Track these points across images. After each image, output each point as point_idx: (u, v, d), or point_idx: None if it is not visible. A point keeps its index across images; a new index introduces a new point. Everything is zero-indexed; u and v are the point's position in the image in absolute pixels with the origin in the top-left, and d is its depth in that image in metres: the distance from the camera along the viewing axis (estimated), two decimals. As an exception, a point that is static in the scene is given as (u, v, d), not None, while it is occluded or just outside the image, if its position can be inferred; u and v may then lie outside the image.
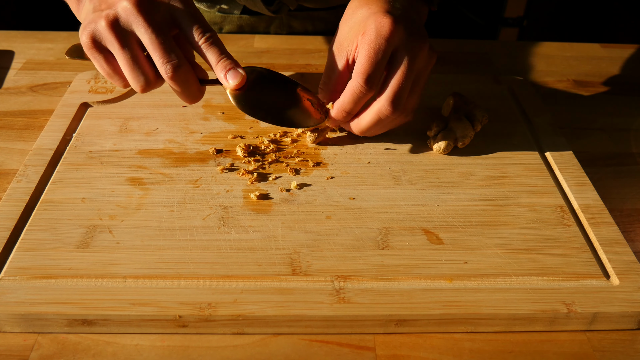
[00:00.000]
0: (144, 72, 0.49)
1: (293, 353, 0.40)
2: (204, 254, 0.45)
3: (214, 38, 0.50)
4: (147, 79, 0.49)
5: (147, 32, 0.47)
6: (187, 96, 0.52)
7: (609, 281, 0.44)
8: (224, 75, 0.50)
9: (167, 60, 0.48)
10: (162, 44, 0.48)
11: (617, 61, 0.80)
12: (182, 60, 0.49)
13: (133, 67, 0.49)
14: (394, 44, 0.49)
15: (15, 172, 0.55)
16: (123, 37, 0.48)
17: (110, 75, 0.51)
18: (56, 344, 0.41)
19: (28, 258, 0.44)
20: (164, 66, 0.48)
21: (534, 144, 0.59)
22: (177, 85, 0.50)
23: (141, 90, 0.50)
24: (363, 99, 0.51)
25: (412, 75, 0.50)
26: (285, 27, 0.85)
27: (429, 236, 0.47)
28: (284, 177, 0.53)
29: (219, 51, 0.50)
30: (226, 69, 0.50)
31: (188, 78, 0.50)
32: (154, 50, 0.48)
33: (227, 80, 0.50)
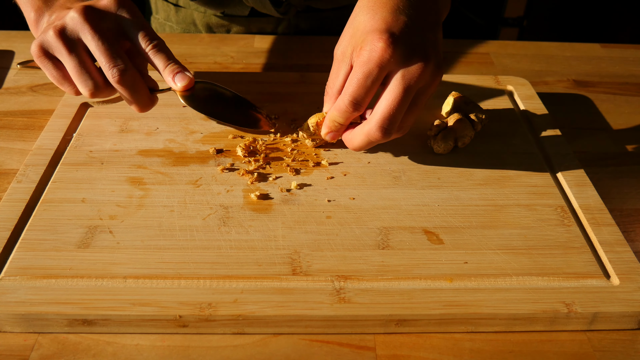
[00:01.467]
0: (92, 77, 0.51)
1: (293, 353, 0.41)
2: (204, 254, 0.45)
3: (160, 45, 0.53)
4: (95, 84, 0.51)
5: (93, 38, 0.50)
6: (137, 102, 0.53)
7: (609, 281, 0.44)
8: (172, 78, 0.53)
9: (113, 65, 0.50)
10: (108, 50, 0.50)
11: (617, 61, 0.80)
12: (128, 65, 0.51)
13: (81, 72, 0.50)
14: (387, 68, 0.47)
15: (15, 172, 0.55)
16: (70, 44, 0.50)
17: (60, 82, 0.52)
18: (56, 344, 0.41)
19: (28, 258, 0.44)
20: (110, 70, 0.50)
21: (534, 144, 0.59)
22: (125, 90, 0.52)
23: (90, 95, 0.52)
24: (350, 117, 0.50)
25: (407, 98, 0.48)
26: (292, 28, 0.85)
27: (429, 236, 0.47)
28: (284, 177, 0.53)
29: (166, 57, 0.53)
30: (174, 72, 0.53)
31: (135, 83, 0.52)
32: (100, 55, 0.50)
33: (175, 82, 0.53)
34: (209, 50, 0.78)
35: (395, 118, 0.48)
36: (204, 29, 0.86)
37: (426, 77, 0.48)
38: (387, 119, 0.48)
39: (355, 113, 0.50)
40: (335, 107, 0.50)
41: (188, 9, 0.85)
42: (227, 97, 0.57)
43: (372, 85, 0.48)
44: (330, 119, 0.52)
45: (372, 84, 0.48)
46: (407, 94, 0.47)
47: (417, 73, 0.47)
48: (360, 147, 0.51)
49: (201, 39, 0.81)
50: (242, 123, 0.56)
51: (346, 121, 0.51)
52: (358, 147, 0.51)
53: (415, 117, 0.51)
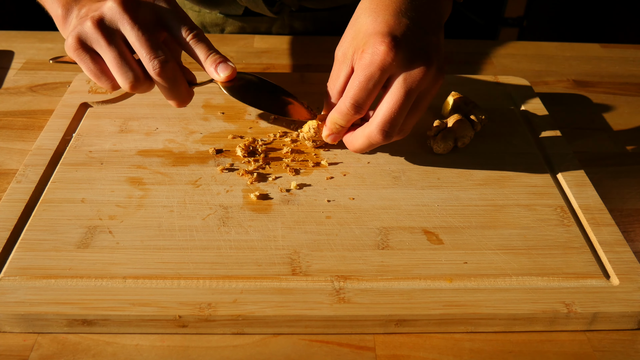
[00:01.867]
0: (132, 68, 0.49)
1: (293, 353, 0.40)
2: (203, 254, 0.45)
3: (200, 35, 0.51)
4: (135, 76, 0.49)
5: (133, 29, 0.48)
6: (176, 96, 0.52)
7: (609, 281, 0.44)
8: (215, 68, 0.51)
9: (154, 56, 0.48)
10: (149, 41, 0.48)
11: (617, 61, 0.80)
12: (169, 56, 0.49)
13: (121, 64, 0.49)
14: (389, 71, 0.47)
15: (15, 172, 0.55)
16: (109, 35, 0.48)
17: (97, 75, 0.50)
18: (56, 344, 0.41)
19: (28, 258, 0.44)
20: (151, 62, 0.48)
21: (534, 144, 0.59)
22: (165, 82, 0.50)
23: (130, 88, 0.50)
24: (351, 119, 0.50)
25: (408, 101, 0.47)
26: (287, 27, 0.85)
27: (428, 236, 0.47)
28: (284, 177, 0.53)
29: (207, 47, 0.51)
30: (216, 62, 0.51)
31: (176, 75, 0.50)
32: (141, 47, 0.48)
33: (218, 72, 0.51)
34: (209, 50, 0.78)
35: (397, 121, 0.48)
36: None
37: (428, 80, 0.48)
38: (389, 122, 0.48)
39: (356, 116, 0.50)
40: (336, 110, 0.50)
41: (182, 8, 0.85)
42: (268, 87, 0.56)
43: (373, 88, 0.48)
44: (332, 121, 0.51)
45: (374, 87, 0.47)
46: (409, 97, 0.47)
47: (419, 76, 0.47)
48: (361, 149, 0.51)
49: (201, 39, 0.81)
50: (284, 112, 0.55)
51: (347, 123, 0.51)
52: (359, 150, 0.51)
53: (416, 120, 0.50)
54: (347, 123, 0.51)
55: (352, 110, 0.49)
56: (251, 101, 0.53)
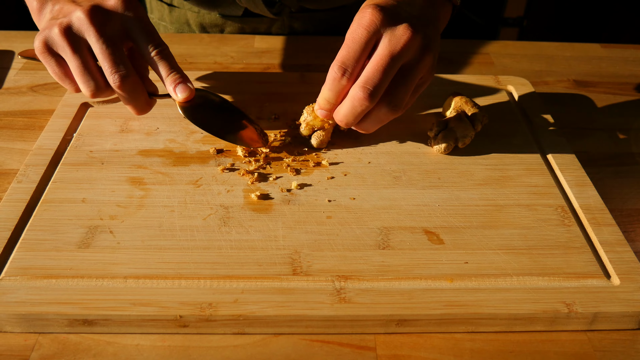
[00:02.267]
0: (94, 77, 0.51)
1: (294, 353, 0.41)
2: (204, 254, 0.45)
3: (165, 52, 0.53)
4: (97, 85, 0.51)
5: (98, 42, 0.50)
6: (135, 107, 0.54)
7: (609, 281, 0.44)
8: (173, 88, 0.53)
9: (115, 70, 0.50)
10: (112, 55, 0.50)
11: (617, 61, 0.80)
12: (130, 71, 0.51)
13: (83, 72, 0.51)
14: (374, 32, 0.48)
15: (15, 172, 0.55)
16: (75, 44, 0.50)
17: (61, 78, 0.53)
18: (57, 344, 0.41)
19: (29, 258, 0.44)
20: (112, 76, 0.50)
21: (534, 144, 0.59)
22: (124, 95, 0.52)
23: (91, 96, 0.52)
24: (340, 86, 0.50)
25: (392, 64, 0.48)
26: (286, 28, 0.85)
27: (429, 236, 0.47)
28: (285, 177, 0.53)
29: (169, 65, 0.53)
30: (175, 83, 0.53)
31: (136, 88, 0.52)
32: (104, 60, 0.50)
33: (176, 93, 0.53)
34: (209, 50, 0.78)
35: (380, 81, 0.48)
36: (198, 29, 0.86)
37: (414, 49, 0.49)
38: (371, 79, 0.48)
39: (343, 81, 0.49)
40: (326, 80, 0.51)
41: (182, 8, 0.85)
42: (225, 108, 0.58)
43: (360, 50, 0.49)
44: (321, 96, 0.52)
45: (361, 49, 0.49)
46: (392, 60, 0.48)
47: (403, 40, 0.48)
48: (346, 114, 0.50)
49: (201, 39, 0.81)
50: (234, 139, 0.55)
51: (337, 95, 0.51)
52: (344, 116, 0.51)
53: (406, 93, 0.50)
54: (336, 95, 0.51)
55: (339, 73, 0.49)
56: (202, 124, 0.54)
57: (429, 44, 0.50)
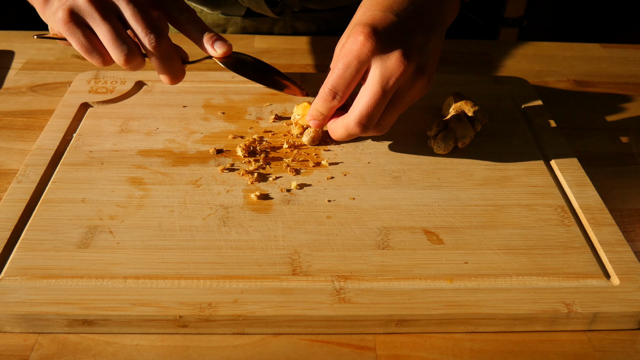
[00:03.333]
0: (127, 42, 0.49)
1: (293, 353, 0.41)
2: (204, 254, 0.45)
3: (194, 15, 0.53)
4: (130, 49, 0.49)
5: (128, 5, 0.49)
6: (169, 71, 0.52)
7: (609, 281, 0.44)
8: (211, 44, 0.53)
9: (150, 31, 0.49)
10: (144, 17, 0.49)
11: (617, 61, 0.80)
12: (163, 33, 0.50)
13: (115, 37, 0.49)
14: (365, 61, 0.47)
15: (15, 172, 0.55)
16: (103, 9, 0.48)
17: (89, 50, 0.50)
18: (56, 344, 0.41)
19: (28, 258, 0.44)
20: (147, 37, 0.49)
21: (534, 144, 0.59)
22: (160, 58, 0.51)
23: (124, 62, 0.50)
24: (330, 106, 0.51)
25: (385, 96, 0.48)
26: (288, 28, 0.85)
27: (429, 236, 0.47)
28: (284, 177, 0.53)
29: (202, 26, 0.53)
30: (213, 39, 0.53)
31: (171, 52, 0.51)
32: (137, 22, 0.49)
33: (215, 49, 0.53)
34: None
35: (373, 115, 0.49)
36: None
37: (405, 77, 0.48)
38: (365, 115, 0.49)
39: (334, 102, 0.50)
40: (317, 96, 0.51)
41: None
42: (263, 66, 0.59)
43: (350, 77, 0.49)
44: (314, 108, 0.53)
45: (351, 77, 0.49)
46: (385, 91, 0.48)
47: (396, 71, 0.47)
48: (340, 138, 0.53)
49: (201, 39, 0.81)
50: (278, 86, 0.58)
51: (328, 111, 0.52)
52: (339, 138, 0.53)
53: (395, 117, 0.51)
54: (328, 111, 0.52)
55: (330, 97, 0.50)
56: (247, 74, 0.55)
57: (423, 67, 0.49)
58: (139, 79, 0.66)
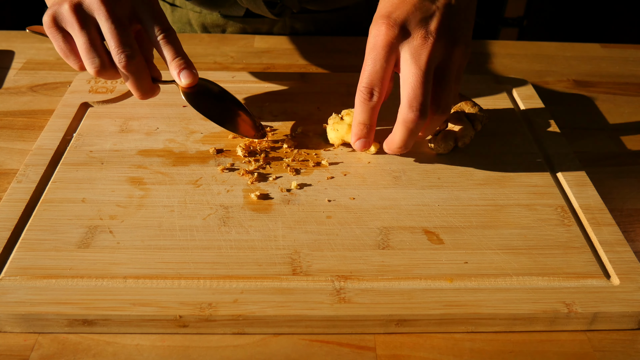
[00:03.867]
0: (100, 55, 0.51)
1: (293, 353, 0.41)
2: (204, 254, 0.45)
3: (171, 36, 0.53)
4: (102, 62, 0.52)
5: (107, 21, 0.50)
6: (139, 89, 0.54)
7: (609, 281, 0.44)
8: (178, 73, 0.53)
9: (122, 50, 0.51)
10: (119, 35, 0.50)
11: (617, 61, 0.80)
12: (136, 52, 0.51)
13: (89, 50, 0.51)
14: (394, 48, 0.48)
15: (15, 172, 0.55)
16: (83, 21, 0.50)
17: (66, 54, 0.53)
18: (57, 344, 0.41)
19: (28, 258, 0.44)
20: (118, 55, 0.51)
21: (534, 144, 0.59)
22: (129, 76, 0.52)
23: (96, 73, 0.52)
24: (370, 109, 0.50)
25: (424, 73, 0.48)
26: (288, 29, 0.85)
27: (429, 236, 0.47)
28: (284, 177, 0.53)
29: (174, 50, 0.53)
30: (180, 68, 0.53)
31: (140, 70, 0.52)
32: (111, 39, 0.51)
33: (180, 78, 0.54)
34: (209, 50, 0.78)
35: (422, 95, 0.48)
36: (199, 29, 0.86)
37: (438, 50, 0.48)
38: (414, 97, 0.48)
39: (373, 101, 0.49)
40: (355, 103, 0.51)
41: (184, 8, 0.85)
42: (225, 98, 0.58)
43: (382, 69, 0.49)
44: (356, 123, 0.51)
45: (382, 69, 0.49)
46: (421, 69, 0.48)
47: (426, 47, 0.48)
48: (402, 139, 0.50)
49: (201, 39, 0.81)
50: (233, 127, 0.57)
51: (370, 116, 0.50)
52: (402, 142, 0.50)
53: (451, 94, 0.50)
54: (369, 115, 0.50)
55: (367, 95, 0.49)
56: (204, 111, 0.55)
57: (454, 36, 0.49)
58: (139, 79, 0.66)
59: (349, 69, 0.74)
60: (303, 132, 0.59)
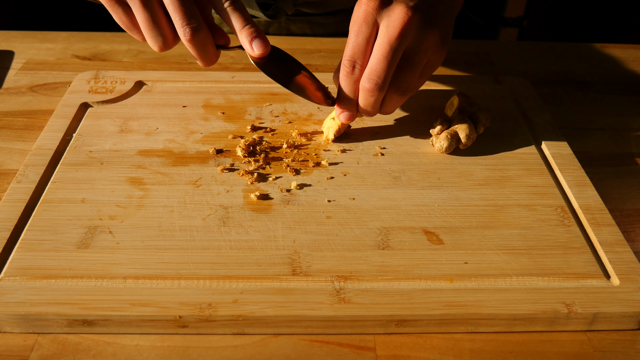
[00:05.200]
0: (162, 32, 0.50)
1: (293, 353, 0.40)
2: (204, 254, 0.45)
3: (237, 3, 0.50)
4: (164, 40, 0.50)
5: None
6: (203, 59, 0.52)
7: (609, 281, 0.44)
8: (249, 42, 0.51)
9: (186, 23, 0.48)
10: (183, 6, 0.48)
11: (617, 61, 0.80)
12: (201, 24, 0.49)
13: (152, 27, 0.49)
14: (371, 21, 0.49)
15: (15, 172, 0.55)
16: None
17: (129, 27, 0.51)
18: (56, 344, 0.41)
19: (28, 258, 0.44)
20: (182, 28, 0.48)
21: (534, 144, 0.59)
22: (194, 48, 0.50)
23: (158, 50, 0.51)
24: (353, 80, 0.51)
25: (393, 49, 0.48)
26: (283, 30, 0.85)
27: (429, 236, 0.47)
28: (284, 177, 0.53)
29: (243, 17, 0.50)
30: (252, 36, 0.50)
31: (206, 42, 0.50)
32: (174, 12, 0.48)
33: (252, 47, 0.51)
34: (209, 50, 0.78)
35: (383, 70, 0.49)
36: None
37: (412, 29, 0.49)
38: (375, 71, 0.49)
39: (355, 73, 0.50)
40: (340, 78, 0.52)
41: None
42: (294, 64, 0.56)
43: (364, 42, 0.49)
44: (341, 96, 0.53)
45: (364, 41, 0.49)
46: (392, 47, 0.49)
47: (400, 22, 0.48)
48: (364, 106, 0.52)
49: (201, 39, 0.81)
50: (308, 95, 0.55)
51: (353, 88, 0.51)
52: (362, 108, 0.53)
53: (414, 77, 0.51)
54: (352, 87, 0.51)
55: (350, 67, 0.50)
56: (277, 77, 0.53)
57: (431, 21, 0.50)
58: (139, 79, 0.66)
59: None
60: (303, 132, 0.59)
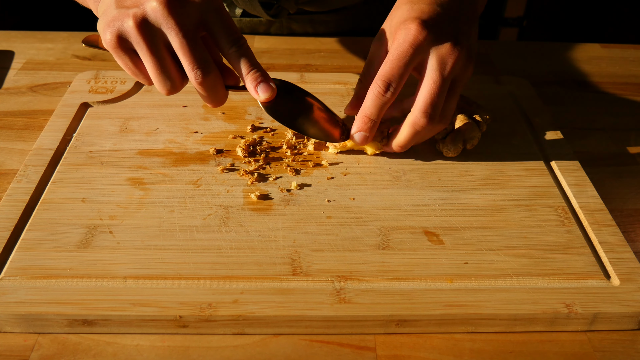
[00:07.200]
0: (171, 77, 0.48)
1: (293, 353, 0.40)
2: (204, 254, 0.45)
3: (244, 47, 0.49)
4: (173, 84, 0.49)
5: (177, 36, 0.46)
6: (213, 101, 0.51)
7: (609, 281, 0.44)
8: (254, 87, 0.50)
9: (197, 66, 0.47)
10: (192, 50, 0.46)
11: (617, 61, 0.80)
12: (211, 67, 0.48)
13: (160, 73, 0.47)
14: (420, 50, 0.48)
15: (15, 172, 0.55)
16: (152, 41, 0.46)
17: (135, 74, 0.49)
18: (56, 344, 0.41)
19: (28, 258, 0.44)
20: (193, 72, 0.47)
21: (534, 144, 0.59)
22: (204, 91, 0.49)
23: (167, 94, 0.50)
24: (382, 103, 0.50)
25: (445, 83, 0.49)
26: (285, 29, 0.85)
27: (429, 236, 0.47)
28: (284, 177, 0.53)
29: (249, 62, 0.49)
30: (257, 82, 0.50)
31: (216, 84, 0.49)
32: (184, 56, 0.47)
33: (258, 93, 0.50)
34: (209, 50, 0.78)
35: (437, 103, 0.49)
36: None
37: (460, 63, 0.49)
38: (430, 104, 0.49)
39: (387, 96, 0.49)
40: (367, 96, 0.50)
41: None
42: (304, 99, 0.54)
43: (404, 67, 0.49)
44: (362, 114, 0.51)
45: (405, 66, 0.49)
46: (444, 78, 0.49)
47: (452, 57, 0.49)
48: (406, 140, 0.52)
49: (201, 39, 0.81)
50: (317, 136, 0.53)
51: (379, 111, 0.50)
52: (404, 142, 0.52)
53: (454, 106, 0.52)
54: (379, 110, 0.50)
55: (383, 89, 0.49)
56: (287, 122, 0.52)
57: (471, 53, 0.51)
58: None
59: (348, 69, 0.74)
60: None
